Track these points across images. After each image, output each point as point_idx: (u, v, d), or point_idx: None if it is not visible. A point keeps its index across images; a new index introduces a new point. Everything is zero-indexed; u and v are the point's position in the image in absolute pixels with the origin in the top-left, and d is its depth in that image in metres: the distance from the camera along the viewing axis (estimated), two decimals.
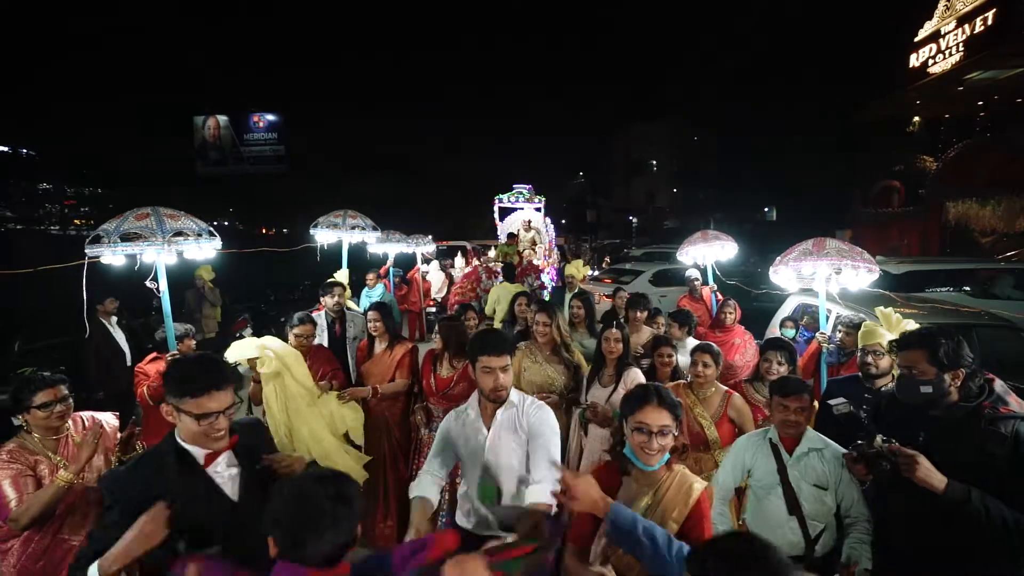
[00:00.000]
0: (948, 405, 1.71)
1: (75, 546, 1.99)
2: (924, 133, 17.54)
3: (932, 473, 1.58)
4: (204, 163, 36.51)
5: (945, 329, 1.74)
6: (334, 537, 1.10)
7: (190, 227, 2.95)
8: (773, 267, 3.46)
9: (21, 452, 1.97)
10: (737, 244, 4.93)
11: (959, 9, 12.10)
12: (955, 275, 6.67)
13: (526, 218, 9.23)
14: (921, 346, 1.72)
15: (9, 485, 1.89)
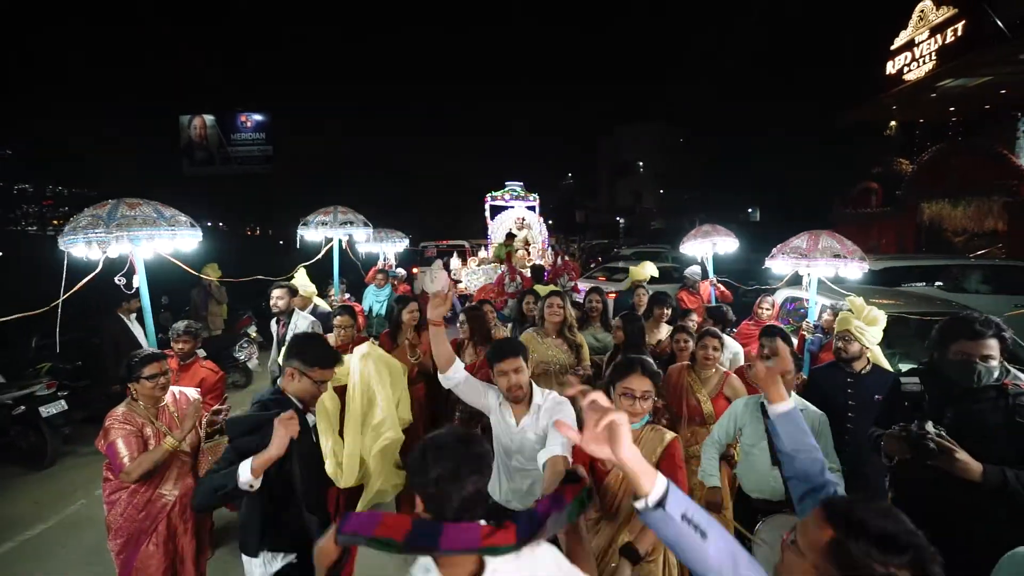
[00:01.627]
0: (982, 386, 1.79)
1: (169, 500, 2.33)
2: (901, 137, 18.24)
3: (970, 462, 1.64)
4: (190, 163, 36.10)
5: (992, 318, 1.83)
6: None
7: (150, 216, 2.76)
8: (769, 258, 3.83)
9: (131, 416, 2.30)
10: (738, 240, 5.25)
11: (932, 20, 12.69)
12: (928, 271, 7.12)
13: (519, 216, 8.93)
14: (996, 334, 1.78)
15: (123, 443, 2.22)
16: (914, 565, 0.87)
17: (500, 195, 9.24)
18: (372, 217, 5.47)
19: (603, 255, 19.02)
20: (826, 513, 0.97)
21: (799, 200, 21.05)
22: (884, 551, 0.88)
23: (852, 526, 0.92)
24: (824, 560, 0.93)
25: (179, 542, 2.36)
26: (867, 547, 0.89)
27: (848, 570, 0.90)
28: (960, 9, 11.87)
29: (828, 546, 0.93)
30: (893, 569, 0.87)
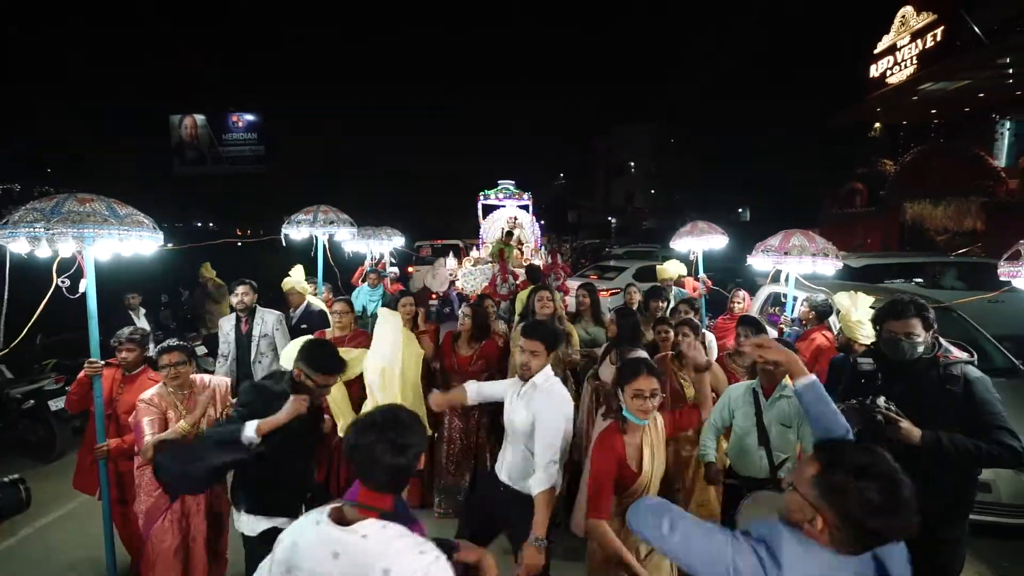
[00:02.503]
0: (922, 360, 2.02)
1: None
2: (885, 138, 18.67)
3: (912, 430, 1.88)
4: (181, 162, 35.91)
5: (920, 299, 2.11)
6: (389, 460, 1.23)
7: (101, 213, 2.49)
8: (751, 255, 4.06)
9: (160, 399, 2.51)
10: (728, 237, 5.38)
11: (912, 25, 13.06)
12: (907, 268, 7.42)
13: (511, 215, 8.70)
14: (917, 314, 2.04)
15: (147, 423, 2.43)
16: (886, 491, 1.03)
17: (493, 194, 9.06)
18: (370, 216, 5.52)
19: (594, 254, 19.27)
20: (815, 452, 1.17)
21: (789, 200, 21.43)
22: (860, 478, 1.05)
23: (833, 458, 1.12)
24: (811, 489, 1.10)
25: (191, 521, 2.53)
26: (844, 473, 1.07)
27: (831, 498, 1.07)
28: (939, 15, 12.25)
29: (815, 478, 1.11)
30: (868, 495, 1.03)
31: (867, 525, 1.04)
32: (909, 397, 1.93)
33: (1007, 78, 12.60)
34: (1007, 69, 12.05)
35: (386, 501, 1.24)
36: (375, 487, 1.23)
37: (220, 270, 7.48)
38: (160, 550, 2.45)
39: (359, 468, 1.24)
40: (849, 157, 18.84)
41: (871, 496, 1.03)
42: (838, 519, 1.06)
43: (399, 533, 1.18)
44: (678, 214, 29.32)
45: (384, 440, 1.20)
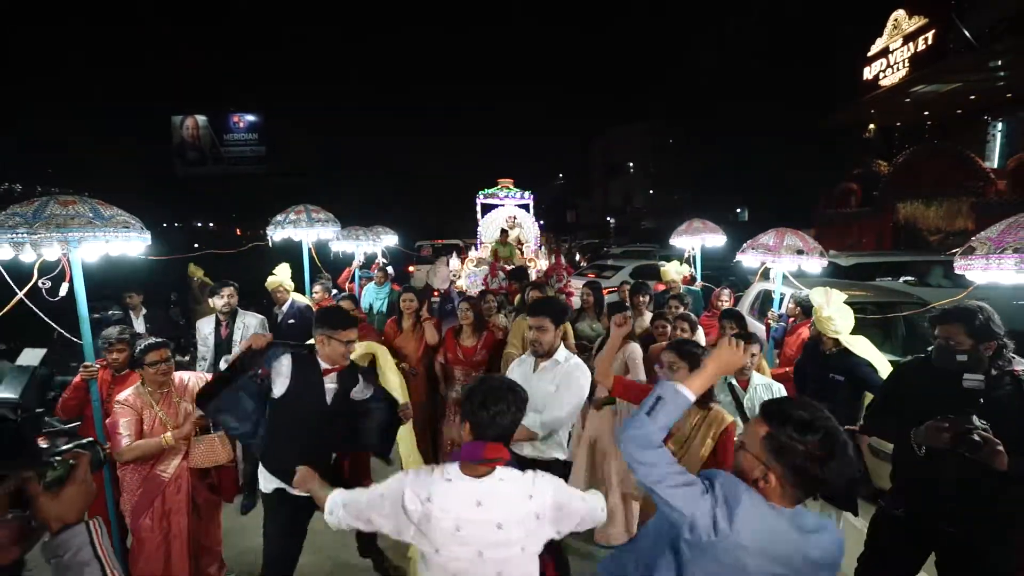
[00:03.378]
0: (989, 376, 1.87)
1: (164, 479, 2.53)
2: (880, 139, 18.91)
3: (1004, 455, 1.72)
4: (183, 163, 36.13)
5: (978, 306, 1.93)
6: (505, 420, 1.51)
7: (84, 215, 2.47)
8: (740, 252, 4.26)
9: (137, 399, 2.52)
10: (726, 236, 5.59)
11: (904, 29, 13.29)
12: (896, 266, 7.64)
13: (510, 214, 8.69)
14: (959, 320, 1.89)
15: (122, 425, 2.46)
16: (825, 445, 1.17)
17: (492, 193, 9.08)
18: (369, 216, 5.58)
19: (592, 254, 19.49)
20: (762, 414, 1.28)
21: (786, 201, 21.62)
22: (803, 432, 1.18)
23: (779, 418, 1.22)
24: (763, 450, 1.22)
25: (172, 519, 2.53)
26: (789, 431, 1.19)
27: (780, 454, 1.19)
28: (930, 19, 12.47)
29: (764, 439, 1.22)
30: (811, 447, 1.16)
31: (813, 474, 1.18)
32: (997, 425, 1.77)
33: (998, 81, 12.84)
34: (998, 72, 12.29)
35: (505, 451, 1.49)
36: (496, 438, 1.48)
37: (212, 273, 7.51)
38: (145, 547, 2.50)
39: (483, 426, 1.48)
40: (844, 158, 19.06)
41: (815, 448, 1.17)
42: (788, 473, 1.19)
43: (520, 471, 1.51)
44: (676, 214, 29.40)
45: (508, 401, 1.49)
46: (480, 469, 1.47)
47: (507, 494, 1.45)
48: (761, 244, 4.17)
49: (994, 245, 2.08)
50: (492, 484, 1.45)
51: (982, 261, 2.10)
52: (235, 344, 3.70)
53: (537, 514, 1.46)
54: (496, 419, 1.47)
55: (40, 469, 0.99)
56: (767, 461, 1.22)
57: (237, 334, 3.74)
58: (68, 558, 0.97)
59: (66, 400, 2.82)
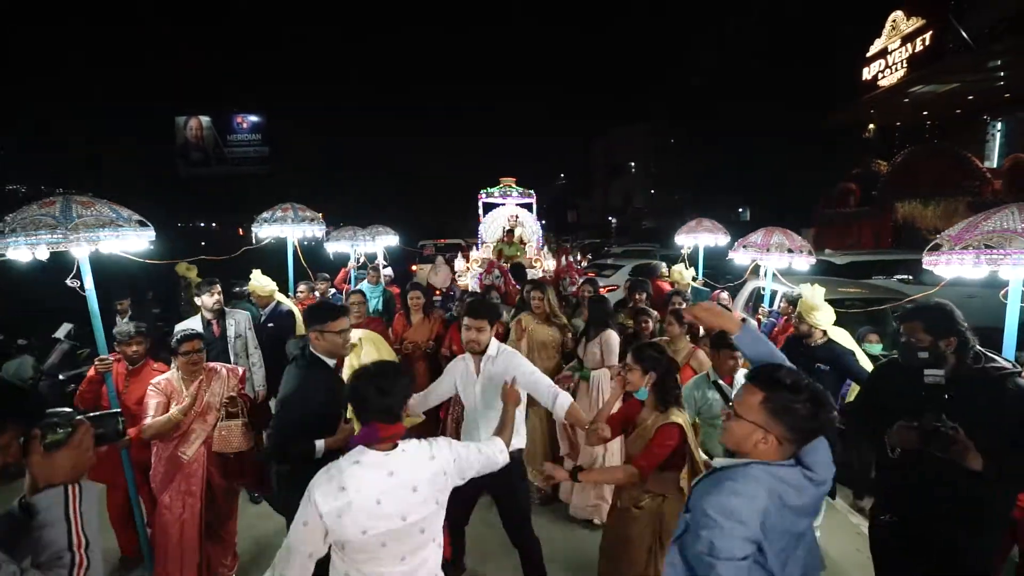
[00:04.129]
0: (956, 372, 1.88)
1: (184, 461, 2.68)
2: (879, 139, 18.99)
3: (977, 456, 1.72)
4: (186, 164, 36.38)
5: (943, 306, 1.95)
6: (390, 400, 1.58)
7: (107, 216, 2.59)
8: (732, 250, 4.40)
9: (169, 384, 2.71)
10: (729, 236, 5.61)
11: (902, 30, 13.39)
12: (889, 265, 7.76)
13: (512, 213, 8.59)
14: (917, 317, 1.95)
15: (153, 406, 2.63)
16: (810, 400, 1.32)
17: (496, 191, 8.97)
18: (371, 216, 5.56)
19: (593, 254, 19.65)
20: (753, 382, 1.39)
21: (787, 200, 21.72)
22: (795, 393, 1.32)
23: (770, 383, 1.35)
24: (761, 415, 1.33)
25: (187, 502, 2.66)
26: (784, 393, 1.32)
27: (778, 415, 1.32)
28: (928, 20, 12.57)
29: (762, 403, 1.33)
30: (804, 403, 1.31)
31: (810, 426, 1.33)
32: (966, 420, 1.78)
33: (997, 81, 12.93)
34: (997, 72, 12.38)
35: (401, 427, 1.61)
36: (389, 420, 1.58)
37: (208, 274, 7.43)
38: (162, 520, 2.64)
39: (372, 411, 1.56)
40: (844, 158, 19.15)
41: (808, 405, 1.32)
42: (787, 431, 1.32)
43: (417, 440, 1.68)
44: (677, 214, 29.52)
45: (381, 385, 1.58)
46: (383, 445, 1.58)
47: (412, 459, 1.60)
48: (752, 243, 4.31)
49: (954, 242, 2.19)
50: (397, 455, 1.59)
51: (946, 257, 2.21)
52: (230, 342, 3.73)
53: (444, 471, 1.64)
54: (386, 400, 1.57)
55: (44, 429, 1.06)
56: (766, 424, 1.33)
57: (230, 331, 3.76)
58: (39, 518, 1.02)
59: (82, 392, 2.93)
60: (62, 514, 1.02)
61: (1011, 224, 2.10)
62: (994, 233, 2.15)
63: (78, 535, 1.02)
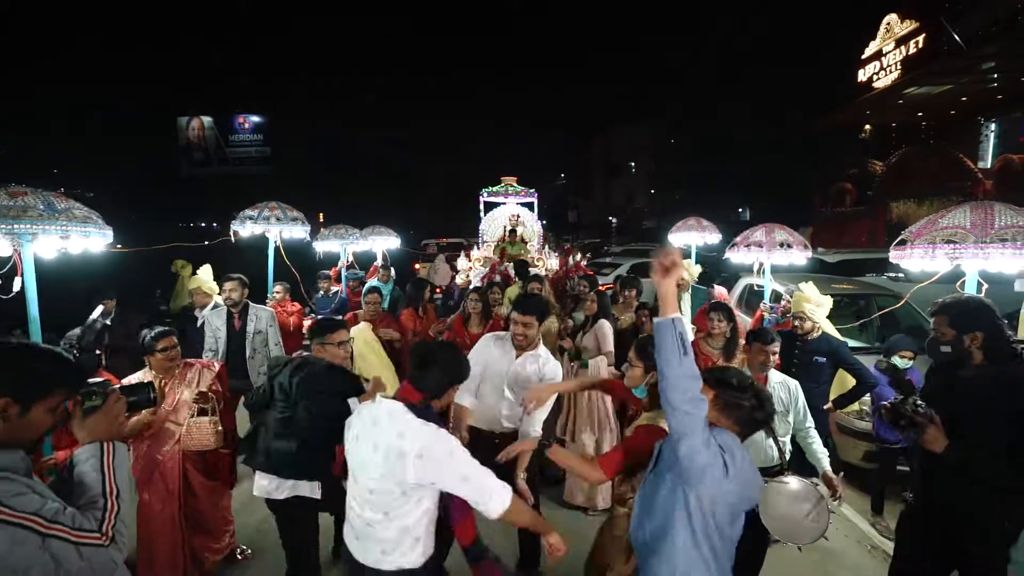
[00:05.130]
0: (975, 367, 1.87)
1: (160, 460, 2.65)
2: (876, 139, 19.22)
3: (938, 438, 1.78)
4: (188, 164, 36.57)
5: (976, 299, 1.97)
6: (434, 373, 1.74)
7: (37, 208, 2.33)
8: (729, 249, 4.51)
9: None
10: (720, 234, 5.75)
11: (896, 32, 13.60)
12: (879, 262, 7.99)
13: (512, 212, 8.65)
14: (942, 311, 1.94)
15: None
16: (755, 397, 1.56)
17: (496, 191, 9.06)
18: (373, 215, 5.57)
19: (592, 253, 19.89)
20: (706, 383, 1.55)
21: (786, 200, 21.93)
22: (742, 391, 1.57)
23: (721, 383, 1.59)
24: (712, 410, 1.53)
25: (165, 499, 2.65)
26: (731, 391, 1.57)
27: (727, 409, 1.56)
28: (921, 23, 12.79)
29: (712, 400, 1.54)
30: (749, 399, 1.55)
31: (754, 420, 1.57)
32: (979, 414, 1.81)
33: (990, 83, 13.15)
34: (990, 74, 12.59)
35: (414, 394, 1.72)
36: (416, 386, 1.73)
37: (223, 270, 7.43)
38: (143, 515, 2.64)
39: (415, 367, 1.74)
40: (842, 158, 19.38)
41: (752, 401, 1.56)
42: (736, 423, 1.56)
43: (413, 417, 1.66)
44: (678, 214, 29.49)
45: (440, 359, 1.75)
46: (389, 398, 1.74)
47: (388, 424, 1.65)
48: (753, 240, 4.37)
49: (914, 237, 2.46)
50: (385, 411, 1.68)
51: (908, 251, 2.48)
52: (248, 336, 3.78)
53: (400, 451, 1.58)
54: (424, 375, 1.73)
55: (82, 396, 1.24)
56: (717, 419, 1.55)
57: (250, 326, 3.83)
58: (79, 468, 1.21)
59: None
60: (98, 465, 1.21)
61: (961, 221, 2.37)
62: (948, 229, 2.41)
63: (111, 484, 1.20)
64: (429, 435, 1.61)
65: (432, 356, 1.76)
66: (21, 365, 1.18)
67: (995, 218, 2.38)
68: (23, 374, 1.17)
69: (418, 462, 1.57)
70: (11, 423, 1.13)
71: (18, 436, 1.15)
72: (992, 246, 2.32)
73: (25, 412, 1.14)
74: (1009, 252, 2.30)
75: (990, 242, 2.32)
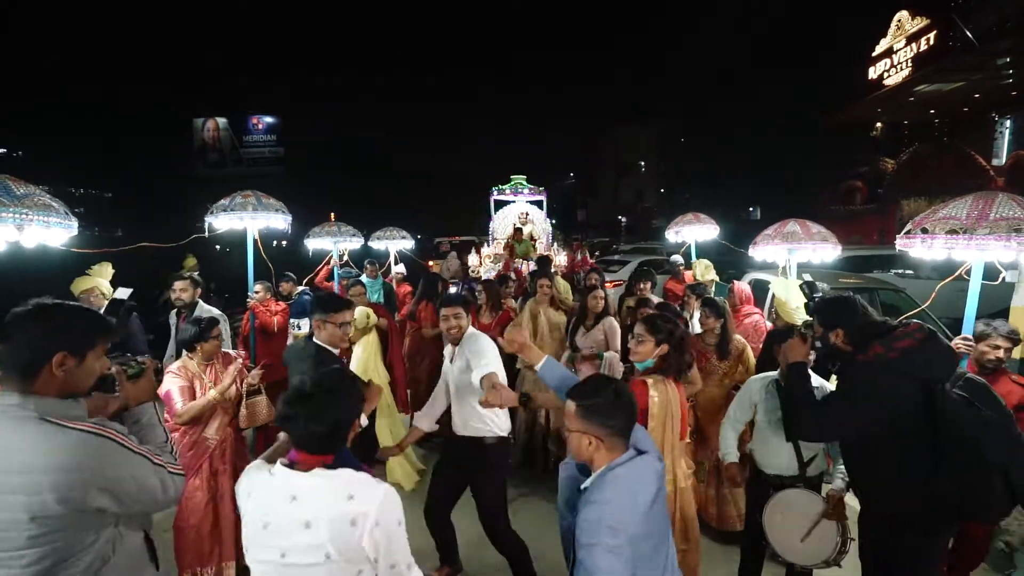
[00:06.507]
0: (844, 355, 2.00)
1: (212, 443, 2.70)
2: (888, 137, 19.09)
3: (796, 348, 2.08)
4: (203, 164, 37.24)
5: (839, 299, 2.09)
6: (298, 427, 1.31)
7: None
8: (753, 245, 4.24)
9: (185, 370, 2.68)
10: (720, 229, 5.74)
11: (907, 30, 13.56)
12: (885, 259, 8.06)
13: (522, 211, 8.77)
14: (815, 312, 2.17)
15: (177, 391, 2.59)
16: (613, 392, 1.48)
17: (506, 189, 9.18)
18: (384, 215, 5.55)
19: (602, 251, 20.01)
20: (569, 396, 1.53)
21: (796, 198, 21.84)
22: (597, 394, 1.48)
23: (580, 394, 1.50)
24: (578, 422, 1.47)
25: (219, 480, 2.69)
26: (590, 398, 1.47)
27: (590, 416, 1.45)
28: (932, 20, 12.74)
29: (575, 413, 1.48)
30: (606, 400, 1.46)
31: (617, 422, 1.46)
32: None
33: (1004, 79, 13.04)
34: (1005, 70, 12.50)
35: (326, 459, 1.33)
36: (315, 451, 1.32)
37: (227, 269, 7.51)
38: (191, 504, 2.64)
39: (296, 435, 1.33)
40: (853, 156, 19.27)
41: (608, 402, 1.47)
42: (602, 430, 1.45)
43: (352, 472, 1.32)
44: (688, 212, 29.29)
45: (307, 412, 1.30)
46: (300, 467, 1.32)
47: (323, 490, 1.27)
48: (788, 233, 3.99)
49: (915, 226, 2.49)
50: (311, 480, 1.28)
51: (916, 241, 2.48)
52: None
53: (353, 519, 1.25)
54: (290, 424, 1.32)
55: (124, 366, 1.48)
56: (586, 428, 1.46)
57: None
58: (144, 421, 1.47)
59: None
60: (157, 419, 1.49)
61: (959, 212, 2.33)
62: (945, 220, 2.35)
63: (167, 431, 1.52)
64: (384, 496, 1.31)
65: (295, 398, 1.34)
66: (66, 321, 1.30)
67: (992, 209, 2.30)
68: (71, 328, 1.30)
69: (376, 530, 1.26)
70: (71, 373, 1.27)
71: (77, 385, 1.30)
72: (983, 237, 2.25)
73: (81, 362, 1.29)
74: (1000, 243, 2.22)
75: (981, 233, 2.25)
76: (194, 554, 2.65)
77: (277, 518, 1.27)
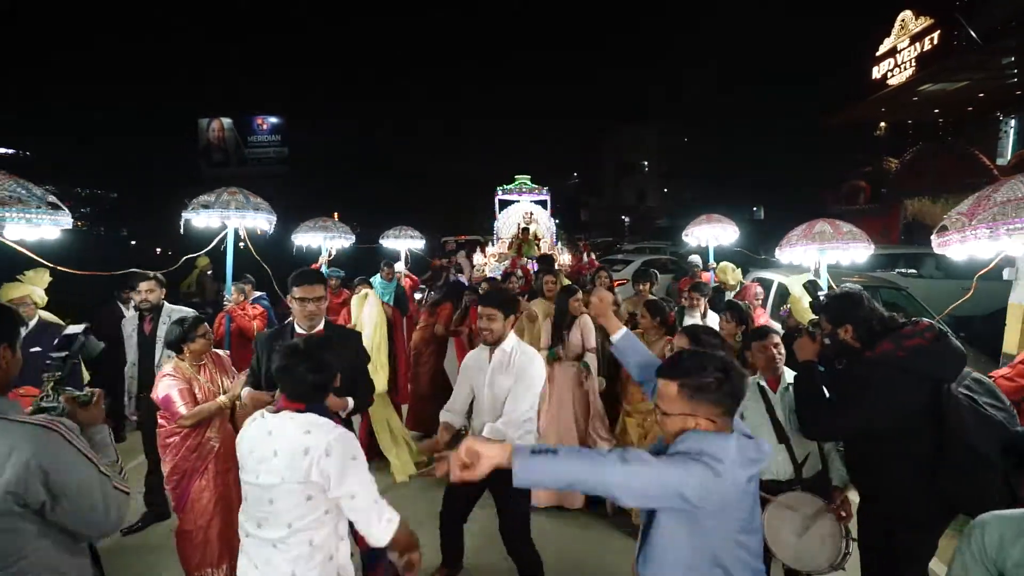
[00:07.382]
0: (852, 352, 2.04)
1: (215, 444, 2.68)
2: (892, 137, 19.08)
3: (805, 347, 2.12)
4: (208, 164, 37.44)
5: (846, 295, 2.08)
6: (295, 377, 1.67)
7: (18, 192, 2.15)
8: (779, 248, 4.03)
9: (179, 371, 2.62)
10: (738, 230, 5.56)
11: (911, 29, 13.55)
12: (891, 258, 8.10)
13: (527, 211, 8.84)
14: (822, 310, 2.18)
15: (177, 394, 2.53)
16: (721, 368, 1.36)
17: (510, 189, 9.27)
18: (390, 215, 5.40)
19: (604, 251, 20.07)
20: (666, 376, 1.41)
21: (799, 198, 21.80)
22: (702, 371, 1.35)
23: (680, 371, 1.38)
24: (681, 402, 1.35)
25: (228, 478, 2.67)
26: (695, 375, 1.35)
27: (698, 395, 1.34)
28: (936, 19, 12.74)
29: (678, 393, 1.35)
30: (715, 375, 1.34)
31: (735, 396, 1.37)
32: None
33: (1009, 78, 13.01)
34: (1009, 70, 12.47)
35: (299, 406, 1.67)
36: (292, 398, 1.68)
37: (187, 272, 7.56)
38: (198, 505, 2.62)
39: (281, 385, 1.71)
40: (857, 155, 19.26)
41: (720, 377, 1.34)
42: (714, 407, 1.33)
43: (316, 416, 1.66)
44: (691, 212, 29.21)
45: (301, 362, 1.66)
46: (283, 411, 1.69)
47: (289, 426, 1.62)
48: (818, 232, 3.71)
49: (967, 217, 2.06)
50: (283, 419, 1.65)
51: (957, 236, 2.08)
52: (158, 341, 3.28)
53: (306, 449, 1.56)
54: (284, 377, 1.67)
55: (75, 397, 1.54)
56: (692, 410, 1.34)
57: (161, 330, 3.27)
58: (98, 439, 1.51)
59: None
60: (109, 440, 1.55)
61: (1021, 193, 1.92)
62: (1008, 203, 1.93)
63: (117, 451, 1.58)
64: (338, 434, 1.62)
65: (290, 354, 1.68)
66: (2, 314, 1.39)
67: (990, 199, 2.02)
68: (3, 320, 1.37)
69: (324, 459, 1.55)
70: (12, 364, 1.34)
71: (9, 378, 1.34)
72: (974, 228, 1.99)
73: (13, 354, 1.36)
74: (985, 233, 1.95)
75: (972, 224, 1.98)
76: (203, 556, 2.63)
77: (258, 448, 1.63)
